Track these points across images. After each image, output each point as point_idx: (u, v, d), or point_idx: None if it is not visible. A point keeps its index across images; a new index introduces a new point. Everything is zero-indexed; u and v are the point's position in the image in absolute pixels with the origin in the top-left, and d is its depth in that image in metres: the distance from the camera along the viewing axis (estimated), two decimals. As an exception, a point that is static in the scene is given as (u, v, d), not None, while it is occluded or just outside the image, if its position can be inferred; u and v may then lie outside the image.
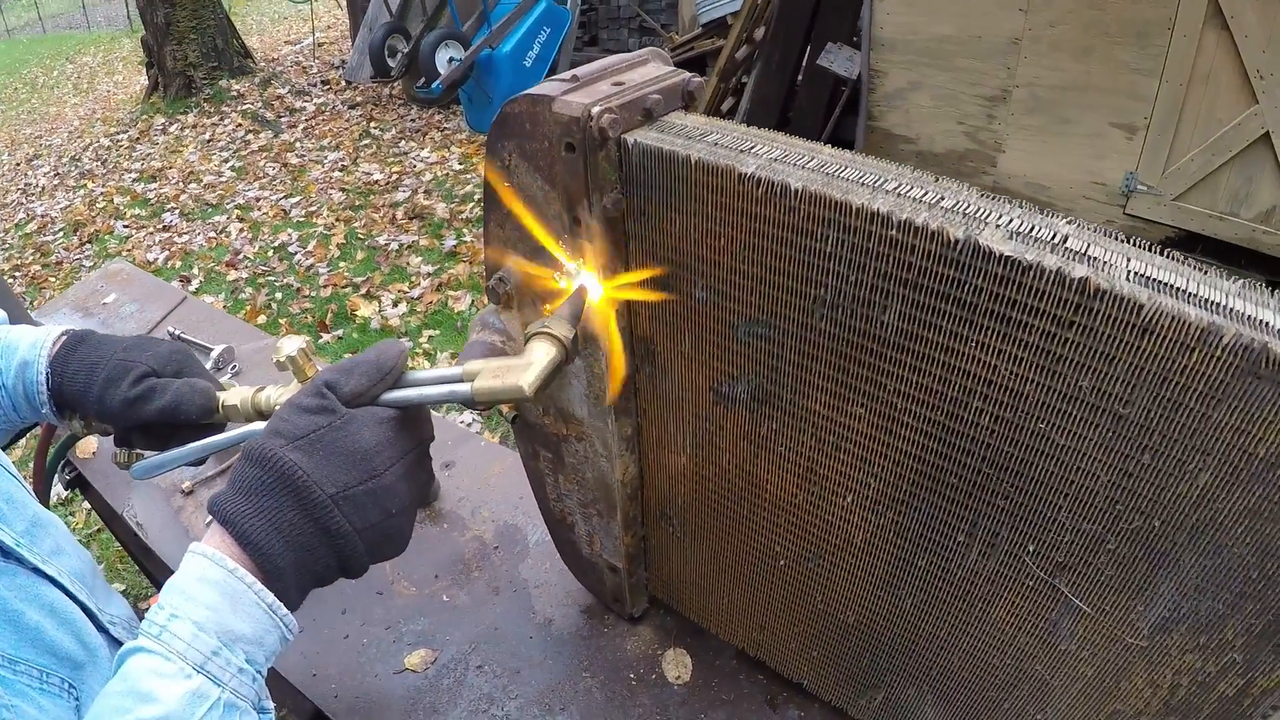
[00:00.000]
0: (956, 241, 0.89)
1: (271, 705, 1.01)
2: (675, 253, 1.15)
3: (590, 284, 1.19)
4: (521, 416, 1.49)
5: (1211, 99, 5.24)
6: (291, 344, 1.15)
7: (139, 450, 1.35)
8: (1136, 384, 0.86)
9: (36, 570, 1.10)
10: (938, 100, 6.52)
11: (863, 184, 0.96)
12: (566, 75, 1.13)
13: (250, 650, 0.94)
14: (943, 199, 0.94)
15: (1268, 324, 0.79)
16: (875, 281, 0.97)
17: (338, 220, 8.11)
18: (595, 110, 1.05)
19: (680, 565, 1.58)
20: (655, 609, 1.78)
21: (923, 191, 0.95)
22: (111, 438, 1.36)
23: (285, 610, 0.97)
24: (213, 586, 0.93)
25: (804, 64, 7.44)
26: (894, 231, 0.92)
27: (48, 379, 1.31)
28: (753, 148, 1.05)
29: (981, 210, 0.92)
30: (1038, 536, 1.04)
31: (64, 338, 1.33)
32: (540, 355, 1.06)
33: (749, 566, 1.44)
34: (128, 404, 1.26)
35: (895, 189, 0.96)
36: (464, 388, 1.05)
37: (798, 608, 1.41)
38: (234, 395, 1.27)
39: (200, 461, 1.31)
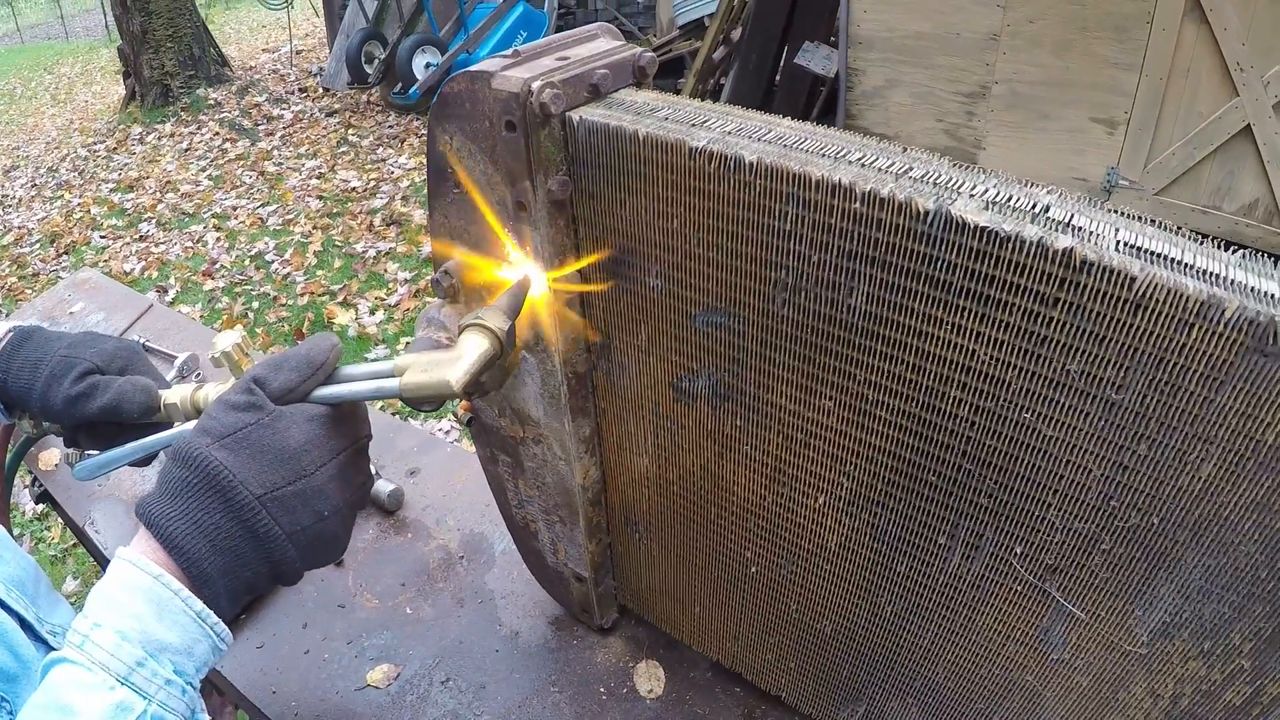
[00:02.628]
0: (926, 213, 0.81)
1: (206, 718, 0.96)
2: (627, 237, 1.08)
3: (534, 273, 1.13)
4: (478, 418, 1.43)
5: (1192, 92, 5.26)
6: (226, 339, 1.12)
7: (88, 450, 1.31)
8: (1130, 366, 0.79)
9: None
10: (916, 98, 6.53)
11: (824, 155, 0.89)
12: (509, 51, 1.07)
13: (178, 660, 0.90)
14: (911, 169, 0.87)
15: (1274, 296, 0.72)
16: (839, 261, 0.90)
17: (315, 228, 8.09)
18: (535, 85, 0.98)
19: (649, 573, 1.51)
20: (626, 619, 1.71)
21: (889, 162, 0.88)
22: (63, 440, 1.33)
23: (215, 618, 0.93)
24: (137, 593, 0.89)
25: (781, 64, 7.45)
26: (858, 205, 0.85)
27: None
28: (705, 121, 0.98)
29: (954, 180, 0.85)
30: (1025, 537, 0.97)
31: (10, 334, 1.30)
32: (471, 349, 1.01)
33: (719, 574, 1.37)
34: (70, 401, 1.23)
35: (859, 159, 0.88)
36: (393, 383, 1.01)
37: (772, 617, 1.34)
38: (175, 393, 1.24)
39: (146, 461, 1.29)
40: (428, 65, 9.05)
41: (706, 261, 1.01)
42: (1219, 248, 0.79)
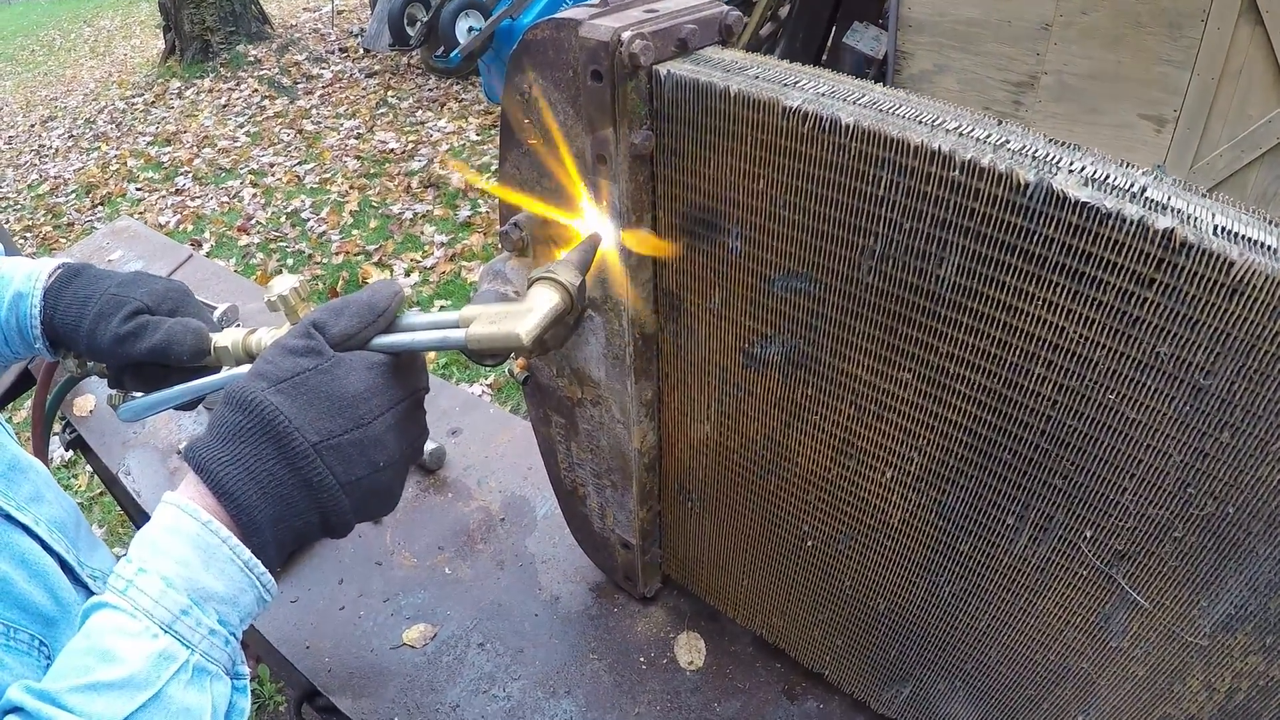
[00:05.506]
0: (1027, 186, 0.80)
1: (247, 670, 0.94)
2: (708, 196, 1.06)
3: (608, 229, 1.12)
4: (533, 378, 1.42)
5: (1243, 94, 5.19)
6: (283, 283, 1.08)
7: (132, 392, 1.29)
8: (1220, 352, 0.78)
9: (9, 518, 1.04)
10: (964, 84, 6.46)
11: (921, 122, 0.88)
12: (595, 0, 1.05)
13: (223, 610, 0.88)
14: (1009, 141, 0.85)
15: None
16: (932, 230, 0.88)
17: (352, 188, 8.08)
18: (626, 35, 0.96)
19: (698, 543, 1.50)
20: (669, 589, 1.71)
21: (987, 132, 0.86)
22: (106, 380, 1.30)
23: (262, 568, 0.91)
24: (184, 539, 0.86)
25: (829, 43, 7.39)
26: (956, 173, 0.83)
27: (41, 312, 1.25)
28: (798, 82, 0.96)
29: (1052, 155, 0.84)
30: (1097, 521, 0.95)
31: (59, 270, 1.27)
32: (542, 302, 0.99)
33: (773, 547, 1.36)
34: (118, 341, 1.20)
35: (956, 128, 0.87)
36: (458, 334, 0.98)
37: (824, 593, 1.33)
38: (226, 336, 1.21)
39: (192, 406, 1.27)
40: (470, 29, 8.98)
41: (791, 224, 0.99)
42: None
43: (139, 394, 1.27)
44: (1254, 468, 0.82)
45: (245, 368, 1.16)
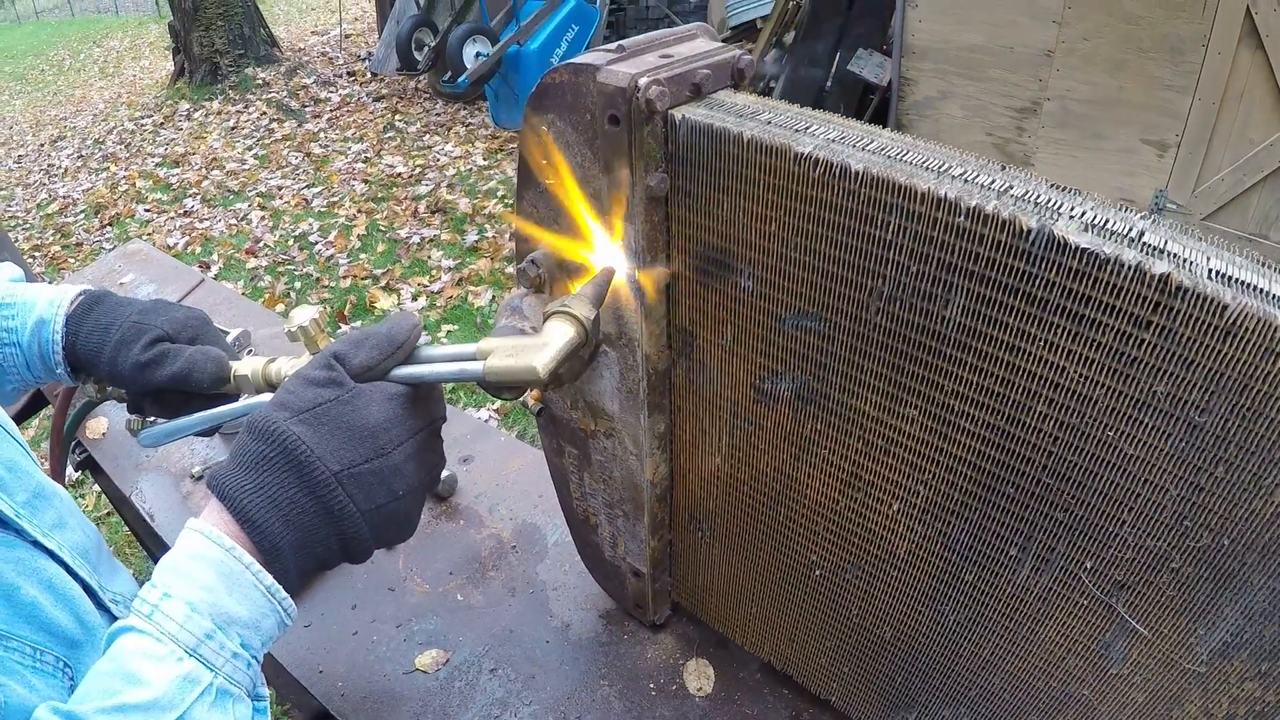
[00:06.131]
0: (1029, 231, 0.83)
1: (267, 692, 0.97)
2: (721, 237, 1.09)
3: (622, 266, 1.14)
4: (548, 410, 1.44)
5: (1244, 118, 5.22)
6: (304, 314, 1.11)
7: (150, 418, 1.31)
8: (1215, 391, 0.80)
9: (36, 543, 1.06)
10: (968, 110, 6.50)
11: (927, 168, 0.91)
12: (612, 46, 1.08)
13: (246, 634, 0.90)
14: (1012, 187, 0.88)
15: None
16: (938, 273, 0.91)
17: (359, 211, 8.10)
18: (643, 82, 1.00)
19: (707, 572, 1.52)
20: (678, 617, 1.72)
21: (991, 179, 0.89)
22: (125, 405, 1.32)
23: (284, 594, 0.93)
24: (208, 565, 0.89)
25: (834, 69, 7.42)
26: (961, 219, 0.86)
27: (63, 338, 1.27)
28: (809, 128, 0.99)
29: (1054, 200, 0.87)
30: (1097, 553, 0.98)
31: (81, 297, 1.29)
32: (557, 336, 1.02)
33: (781, 576, 1.38)
34: (139, 368, 1.22)
35: (962, 175, 0.90)
36: (475, 366, 1.01)
37: (831, 621, 1.35)
38: (246, 365, 1.24)
39: (210, 432, 1.29)
40: (478, 55, 9.05)
41: (802, 265, 1.02)
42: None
43: (158, 419, 1.29)
44: (1248, 501, 0.84)
45: (265, 396, 1.18)
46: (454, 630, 1.73)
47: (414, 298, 6.43)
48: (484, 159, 9.05)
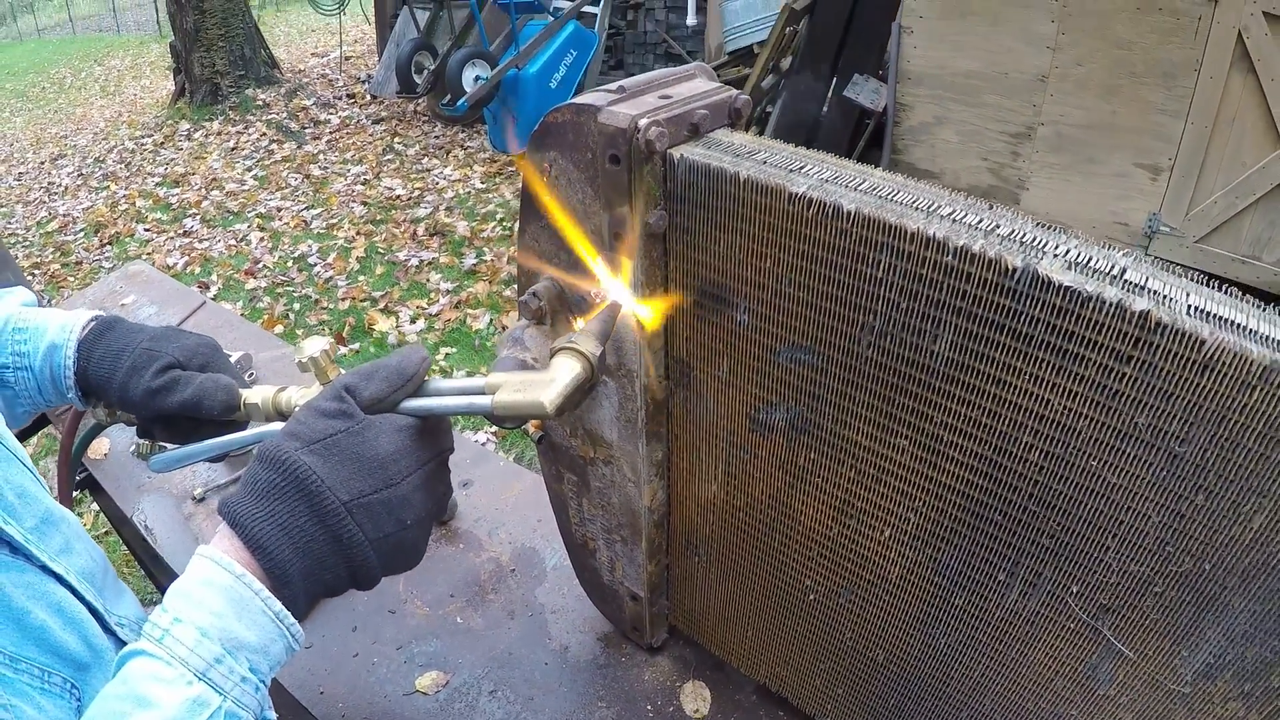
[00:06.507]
0: (1014, 270, 0.86)
1: (274, 715, 0.98)
2: (717, 273, 1.12)
3: (625, 301, 1.17)
4: (548, 437, 1.46)
5: (1237, 142, 5.25)
6: (315, 345, 1.13)
7: (160, 443, 1.33)
8: (1194, 422, 0.83)
9: (44, 568, 1.08)
10: (963, 136, 6.54)
11: (917, 208, 0.94)
12: (613, 86, 1.11)
13: (254, 659, 0.92)
14: (999, 226, 0.91)
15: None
16: (927, 309, 0.94)
17: (358, 234, 8.13)
18: (643, 123, 1.03)
19: (704, 596, 1.54)
20: (675, 640, 1.74)
21: (978, 218, 0.93)
22: (134, 429, 1.34)
23: (292, 619, 0.95)
24: (218, 591, 0.91)
25: (830, 95, 7.45)
26: (949, 258, 0.89)
27: (75, 363, 1.29)
28: (803, 168, 1.02)
29: (1039, 239, 0.90)
30: (1082, 578, 1.00)
31: (93, 323, 1.32)
32: (564, 372, 1.03)
33: (776, 600, 1.40)
34: (150, 394, 1.25)
35: (950, 214, 0.93)
36: (484, 400, 1.03)
37: (825, 644, 1.38)
38: (256, 394, 1.26)
39: (219, 459, 1.32)
40: (477, 78, 9.06)
41: (796, 300, 1.05)
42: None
43: (167, 444, 1.31)
44: (1227, 527, 0.87)
45: (274, 425, 1.21)
46: (454, 652, 1.74)
47: (412, 320, 6.45)
48: (482, 182, 9.08)
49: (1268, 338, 0.79)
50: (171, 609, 0.90)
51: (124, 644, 1.18)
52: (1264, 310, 0.84)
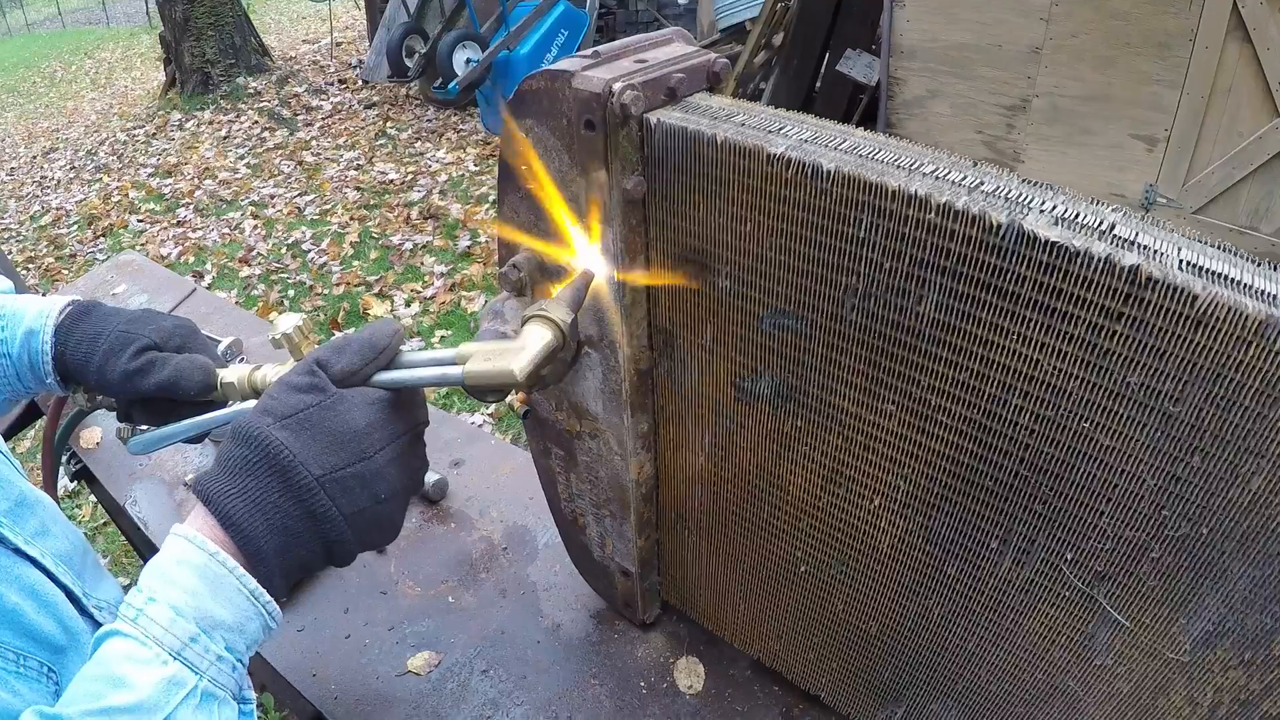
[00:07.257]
0: (999, 226, 0.84)
1: (253, 695, 0.97)
2: (698, 239, 1.10)
3: (601, 269, 1.15)
4: (534, 412, 1.45)
5: (1233, 112, 5.21)
6: (288, 321, 1.13)
7: (140, 425, 1.32)
8: (1188, 380, 0.81)
9: (18, 551, 1.07)
10: (957, 109, 6.50)
11: (899, 166, 0.92)
12: (588, 52, 1.09)
13: (230, 638, 0.91)
14: (983, 183, 0.89)
15: (1331, 318, 0.74)
16: (911, 270, 0.92)
17: (352, 219, 8.10)
18: (617, 86, 1.01)
19: (695, 570, 1.53)
20: (668, 615, 1.73)
21: (962, 175, 0.90)
22: (115, 414, 1.33)
23: (268, 597, 0.94)
24: (192, 570, 0.90)
25: (823, 70, 7.43)
26: (932, 216, 0.87)
27: (52, 348, 1.28)
28: (782, 129, 1.00)
29: (1024, 195, 0.88)
30: (1076, 544, 0.98)
31: (70, 308, 1.30)
32: (534, 339, 1.03)
33: (767, 573, 1.39)
34: (127, 376, 1.23)
35: (933, 172, 0.91)
36: (455, 370, 1.02)
37: (817, 616, 1.36)
38: (232, 373, 1.24)
39: (198, 439, 1.29)
40: (468, 61, 9.01)
41: (778, 265, 1.03)
42: (1276, 269, 0.81)
43: (147, 427, 1.30)
44: (1224, 490, 0.85)
45: (251, 403, 1.19)
46: (446, 632, 1.74)
47: (407, 304, 6.43)
48: (475, 165, 9.05)
49: (1263, 292, 0.77)
50: (146, 588, 0.89)
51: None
52: (1259, 265, 0.81)
